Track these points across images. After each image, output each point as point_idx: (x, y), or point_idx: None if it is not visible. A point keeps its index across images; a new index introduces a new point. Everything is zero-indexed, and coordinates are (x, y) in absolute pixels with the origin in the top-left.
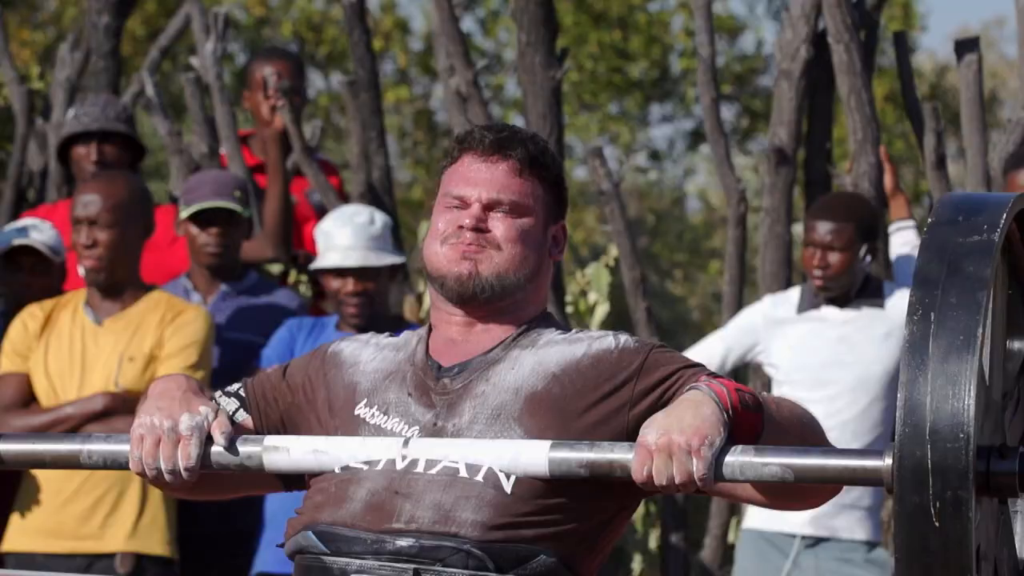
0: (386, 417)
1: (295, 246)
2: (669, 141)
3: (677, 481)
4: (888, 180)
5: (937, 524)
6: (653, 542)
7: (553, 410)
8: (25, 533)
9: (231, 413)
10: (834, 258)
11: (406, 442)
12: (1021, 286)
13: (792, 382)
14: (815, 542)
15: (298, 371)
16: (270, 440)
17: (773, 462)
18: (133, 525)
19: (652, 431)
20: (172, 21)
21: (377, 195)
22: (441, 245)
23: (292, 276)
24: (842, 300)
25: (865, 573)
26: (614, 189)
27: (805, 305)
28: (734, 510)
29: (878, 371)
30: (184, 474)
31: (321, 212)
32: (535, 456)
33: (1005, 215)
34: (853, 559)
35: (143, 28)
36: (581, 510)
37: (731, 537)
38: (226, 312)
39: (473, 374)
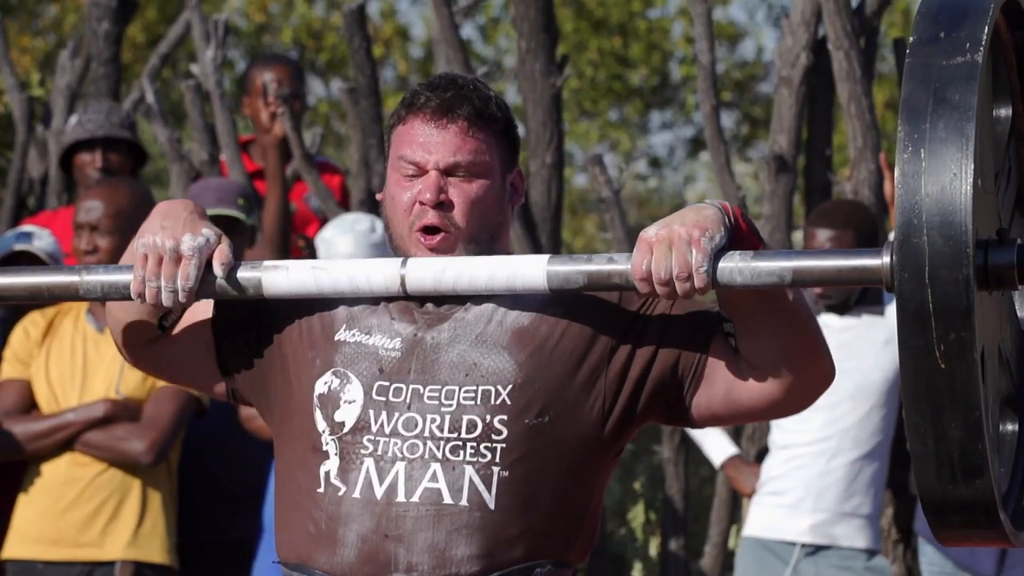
0: (368, 336)
1: (294, 253)
2: (669, 148)
3: (675, 272)
4: (888, 187)
5: (943, 366)
6: (653, 550)
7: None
8: (25, 540)
9: None
10: None
11: (404, 262)
12: (1006, 62)
13: None
14: (815, 550)
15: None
16: (269, 262)
17: (772, 264)
18: (133, 533)
19: (653, 227)
20: (172, 28)
21: (377, 202)
22: (410, 231)
23: None
24: (842, 307)
25: None
26: (614, 196)
27: None
28: (734, 517)
29: (878, 378)
30: (181, 294)
31: (321, 216)
32: (533, 271)
33: (987, 29)
34: (853, 567)
35: (143, 35)
36: (562, 498)
37: (731, 544)
38: None
39: (457, 303)
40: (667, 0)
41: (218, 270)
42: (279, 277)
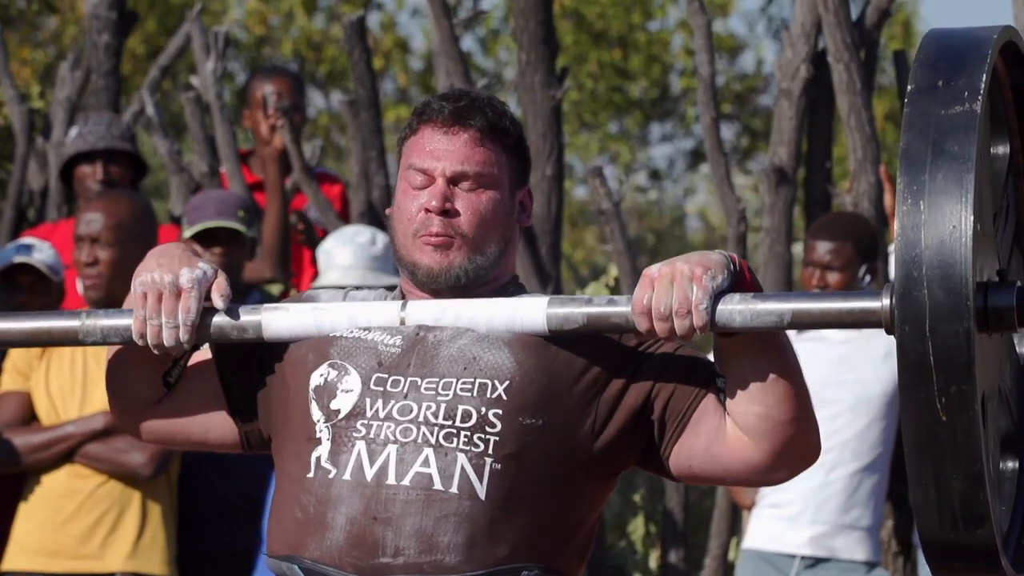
0: (367, 331)
1: (294, 264)
2: (669, 160)
3: (675, 307)
4: (888, 199)
5: (944, 418)
6: (653, 562)
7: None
8: (25, 552)
9: None
10: (833, 278)
11: (404, 305)
12: (1003, 98)
13: None
14: (815, 562)
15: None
16: (269, 304)
17: (771, 306)
18: (133, 545)
19: (657, 264)
20: (172, 40)
21: (377, 214)
22: (413, 238)
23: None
24: None
25: None
26: (614, 208)
27: None
28: (734, 530)
29: (877, 391)
30: (183, 330)
31: (321, 227)
32: (532, 313)
33: (985, 77)
34: None
35: (143, 47)
36: (552, 505)
37: (731, 557)
38: None
39: None
40: (667, 12)
41: (218, 302)
42: (279, 318)
